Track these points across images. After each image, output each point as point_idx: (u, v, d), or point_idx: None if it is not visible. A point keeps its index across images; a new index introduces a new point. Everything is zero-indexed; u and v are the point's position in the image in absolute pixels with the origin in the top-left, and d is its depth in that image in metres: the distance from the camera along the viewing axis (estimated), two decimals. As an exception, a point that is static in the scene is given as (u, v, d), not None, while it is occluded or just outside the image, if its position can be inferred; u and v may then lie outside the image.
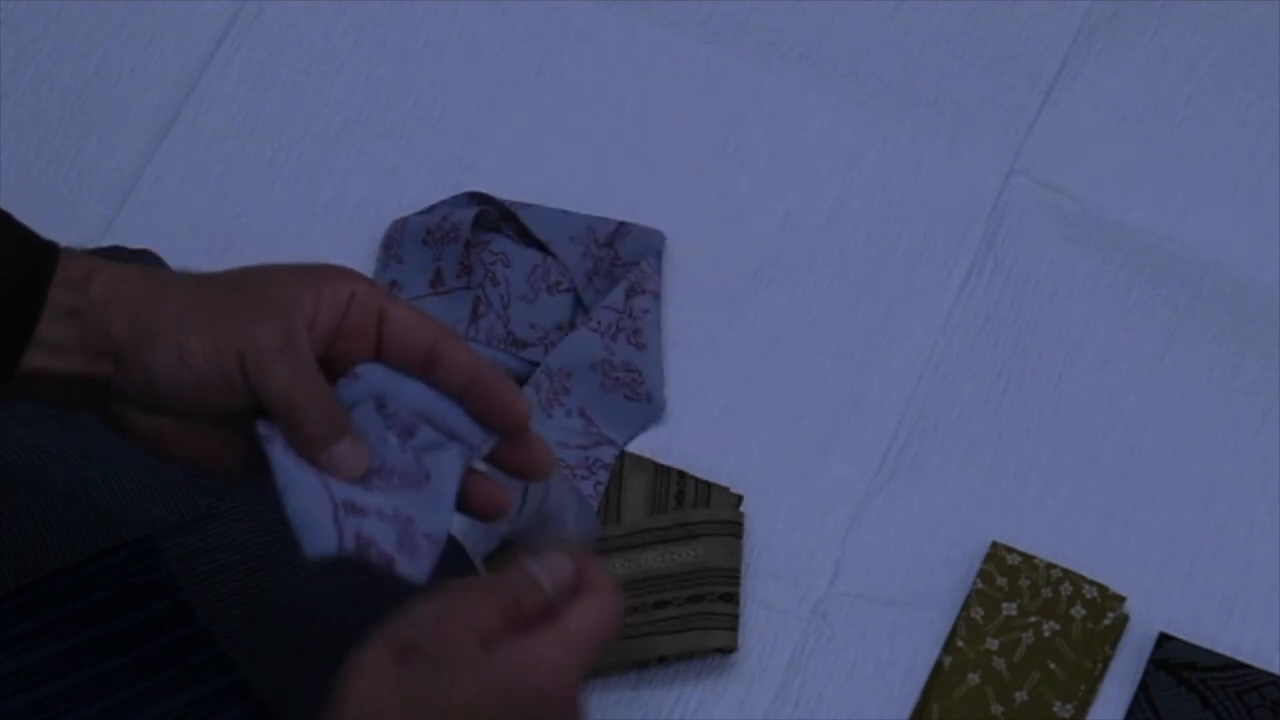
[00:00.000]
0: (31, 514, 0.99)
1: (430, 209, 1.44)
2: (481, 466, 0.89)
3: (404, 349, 0.87)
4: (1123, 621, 1.34)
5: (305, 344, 0.85)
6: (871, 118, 1.49)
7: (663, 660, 1.32)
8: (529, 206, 1.44)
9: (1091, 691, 1.32)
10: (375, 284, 0.89)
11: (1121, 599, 1.34)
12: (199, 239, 1.43)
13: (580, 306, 1.42)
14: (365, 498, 0.86)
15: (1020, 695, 1.31)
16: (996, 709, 1.31)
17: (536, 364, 1.40)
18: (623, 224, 1.43)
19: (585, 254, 1.42)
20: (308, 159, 1.47)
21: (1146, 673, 1.33)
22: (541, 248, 1.43)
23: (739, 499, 1.37)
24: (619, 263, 1.42)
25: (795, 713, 1.32)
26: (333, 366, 0.89)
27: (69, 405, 0.88)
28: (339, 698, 0.80)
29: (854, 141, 1.48)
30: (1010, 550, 1.35)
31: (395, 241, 1.43)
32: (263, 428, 0.86)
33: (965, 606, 1.34)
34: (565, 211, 1.44)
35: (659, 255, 1.43)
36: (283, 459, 0.85)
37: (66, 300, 0.85)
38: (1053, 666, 1.32)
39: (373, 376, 0.88)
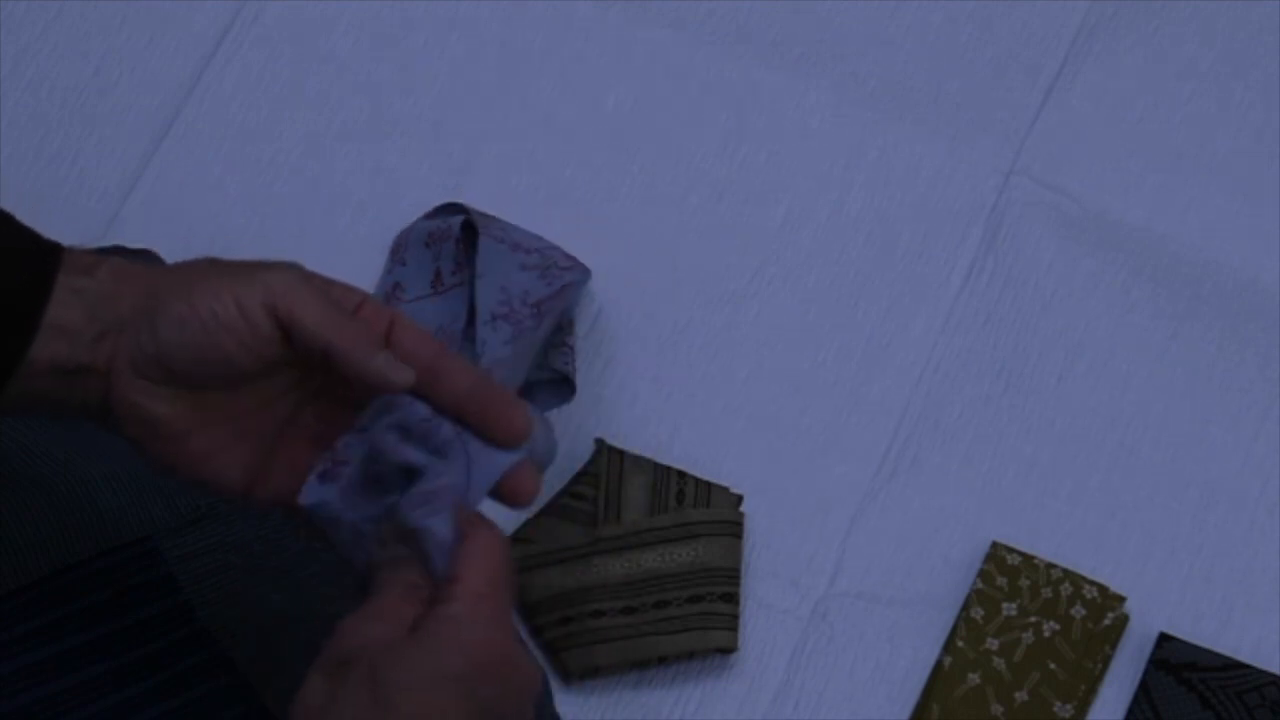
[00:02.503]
0: (31, 514, 0.99)
1: (435, 211, 1.44)
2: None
3: (408, 357, 0.87)
4: (1123, 621, 1.34)
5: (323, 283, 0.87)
6: (871, 118, 1.49)
7: (663, 660, 1.32)
8: (492, 239, 1.39)
9: (1091, 691, 1.32)
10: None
11: (1121, 599, 1.34)
12: (199, 239, 1.43)
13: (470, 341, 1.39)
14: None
15: (1020, 695, 1.31)
16: (996, 709, 1.31)
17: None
18: (565, 287, 1.38)
19: (503, 300, 1.38)
20: (308, 159, 1.47)
21: (1146, 673, 1.33)
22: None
23: (739, 499, 1.37)
24: (539, 315, 1.38)
25: (795, 713, 1.32)
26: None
27: (70, 410, 0.88)
28: None
29: (854, 141, 1.48)
30: (1010, 550, 1.35)
31: (401, 246, 1.43)
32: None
33: (965, 606, 1.34)
34: (523, 263, 1.38)
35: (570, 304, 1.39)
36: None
37: (74, 283, 0.86)
38: (1053, 666, 1.32)
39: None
